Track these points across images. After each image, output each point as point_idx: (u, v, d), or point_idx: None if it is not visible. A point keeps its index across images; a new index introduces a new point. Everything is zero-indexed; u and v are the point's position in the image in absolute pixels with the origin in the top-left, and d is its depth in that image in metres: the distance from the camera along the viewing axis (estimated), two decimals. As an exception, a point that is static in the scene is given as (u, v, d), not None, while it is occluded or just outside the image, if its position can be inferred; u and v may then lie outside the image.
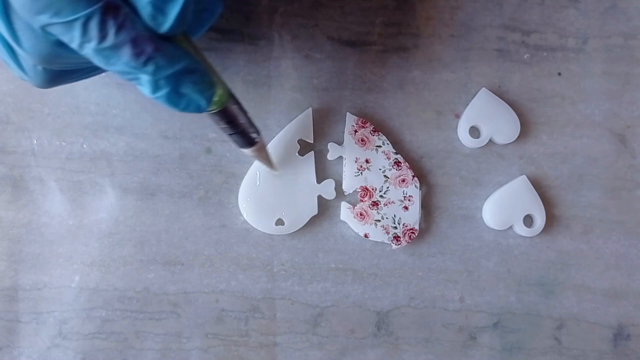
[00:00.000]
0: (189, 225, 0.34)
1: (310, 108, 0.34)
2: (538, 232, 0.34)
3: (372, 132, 0.34)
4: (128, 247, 0.34)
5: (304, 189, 0.34)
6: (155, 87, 0.22)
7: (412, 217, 0.34)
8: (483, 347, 0.35)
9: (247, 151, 0.30)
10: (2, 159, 0.34)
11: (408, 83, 0.35)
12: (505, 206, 0.34)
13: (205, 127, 0.34)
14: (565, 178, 0.35)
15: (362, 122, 0.34)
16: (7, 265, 0.34)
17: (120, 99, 0.34)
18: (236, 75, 0.34)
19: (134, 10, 0.20)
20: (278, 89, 0.35)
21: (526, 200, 0.34)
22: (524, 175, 0.35)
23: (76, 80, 0.27)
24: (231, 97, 0.26)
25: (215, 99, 0.25)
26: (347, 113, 0.34)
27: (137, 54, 0.20)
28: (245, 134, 0.28)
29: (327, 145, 0.34)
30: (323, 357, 0.34)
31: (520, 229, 0.34)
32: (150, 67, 0.21)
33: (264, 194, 0.34)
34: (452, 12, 0.35)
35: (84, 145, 0.34)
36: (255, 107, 0.34)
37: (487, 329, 0.35)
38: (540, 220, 0.34)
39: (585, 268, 0.35)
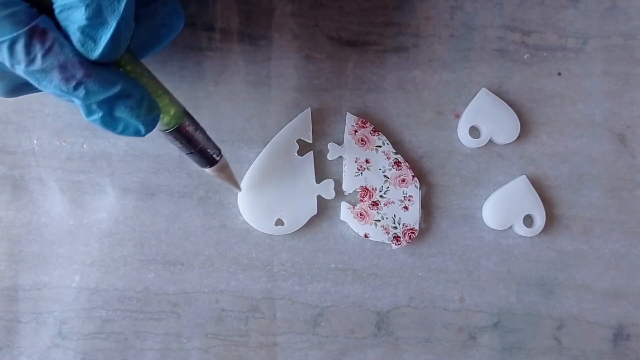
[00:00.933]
0: (189, 225, 0.34)
1: (309, 108, 0.34)
2: (538, 232, 0.34)
3: (372, 132, 0.34)
4: (128, 247, 0.34)
5: (303, 189, 0.34)
6: (88, 112, 0.21)
7: (412, 217, 0.34)
8: (483, 347, 0.35)
9: (208, 171, 0.29)
10: (2, 159, 0.34)
11: (408, 83, 0.35)
12: (505, 206, 0.34)
13: (205, 127, 0.34)
14: (565, 178, 0.35)
15: (362, 122, 0.34)
16: (7, 265, 0.34)
17: (120, 99, 0.34)
18: (236, 75, 0.34)
19: (66, 36, 0.20)
20: (278, 89, 0.35)
21: (526, 200, 0.34)
22: (524, 175, 0.35)
23: (38, 91, 0.27)
24: (186, 116, 0.25)
25: (167, 120, 0.24)
26: (347, 113, 0.34)
27: (66, 79, 0.20)
28: (204, 153, 0.28)
29: (327, 145, 0.34)
30: (323, 357, 0.34)
31: (520, 229, 0.34)
32: (80, 92, 0.21)
33: (263, 195, 0.34)
34: (452, 12, 0.35)
35: (84, 145, 0.34)
36: (255, 107, 0.35)
37: (487, 329, 0.35)
38: (540, 220, 0.34)
39: (585, 268, 0.35)
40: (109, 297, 0.34)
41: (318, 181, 0.34)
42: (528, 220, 0.34)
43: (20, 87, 0.25)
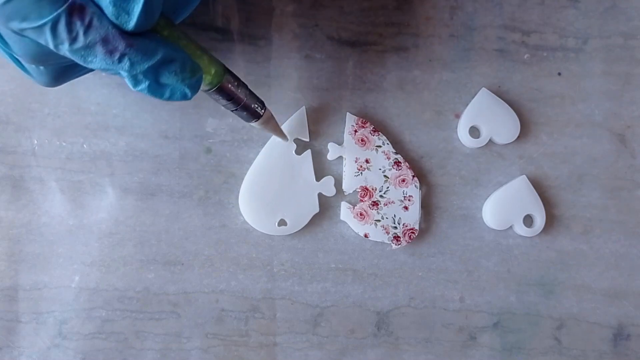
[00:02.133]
0: (189, 225, 0.34)
1: (304, 106, 0.34)
2: (538, 232, 0.34)
3: (372, 132, 0.34)
4: (128, 247, 0.34)
5: (303, 187, 0.34)
6: (135, 81, 0.22)
7: (412, 217, 0.34)
8: (483, 347, 0.35)
9: (254, 124, 0.30)
10: (2, 159, 0.34)
11: (408, 83, 0.35)
12: (505, 206, 0.34)
13: (205, 127, 0.34)
14: (565, 178, 0.35)
15: (362, 122, 0.34)
16: (7, 265, 0.34)
17: (120, 99, 0.34)
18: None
19: (101, 9, 0.20)
20: (278, 89, 0.35)
21: (526, 200, 0.34)
22: (524, 175, 0.35)
23: (81, 75, 0.27)
24: (228, 73, 0.26)
25: (209, 79, 0.24)
26: (347, 113, 0.34)
27: (109, 52, 0.20)
28: (248, 108, 0.28)
29: (327, 146, 0.34)
30: (323, 357, 0.34)
31: (520, 229, 0.34)
32: (125, 64, 0.21)
33: (264, 196, 0.34)
34: (452, 12, 0.35)
35: (84, 145, 0.34)
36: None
37: (487, 329, 0.35)
38: (540, 220, 0.34)
39: (585, 268, 0.35)
40: (109, 297, 0.34)
41: (317, 179, 0.34)
42: (528, 220, 0.34)
43: (64, 72, 0.25)
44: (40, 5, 0.19)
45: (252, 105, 0.28)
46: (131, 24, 0.20)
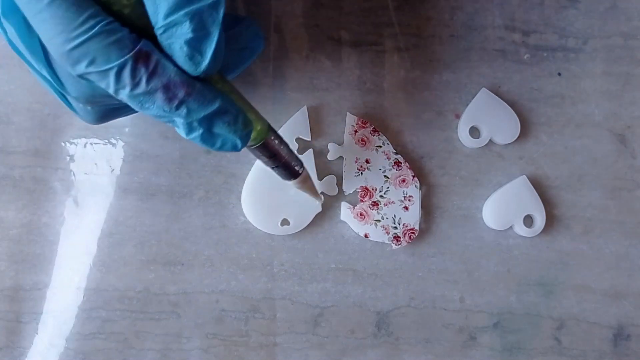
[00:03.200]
0: (189, 225, 0.34)
1: (305, 106, 0.34)
2: (538, 232, 0.34)
3: (372, 132, 0.34)
4: (128, 247, 0.34)
5: None
6: (189, 129, 0.22)
7: (412, 217, 0.34)
8: (483, 347, 0.35)
9: (291, 183, 0.30)
10: (2, 159, 0.34)
11: (408, 83, 0.35)
12: (505, 206, 0.34)
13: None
14: (565, 178, 0.35)
15: (362, 122, 0.34)
16: (7, 265, 0.34)
17: (120, 99, 0.34)
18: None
19: (166, 55, 0.21)
20: (278, 89, 0.35)
21: (526, 200, 0.34)
22: (524, 175, 0.35)
23: (126, 115, 0.27)
24: (271, 131, 0.26)
25: (254, 135, 0.25)
26: (347, 113, 0.34)
27: (169, 99, 0.21)
28: (288, 167, 0.28)
29: (327, 146, 0.34)
30: (323, 357, 0.34)
31: (520, 229, 0.34)
32: (182, 111, 0.21)
33: (267, 196, 0.34)
34: (452, 12, 0.35)
35: (84, 145, 0.34)
36: (255, 107, 0.34)
37: (487, 329, 0.35)
38: (540, 220, 0.34)
39: (585, 268, 0.35)
40: (109, 297, 0.34)
41: (320, 178, 0.34)
42: (528, 221, 0.34)
43: (111, 112, 0.26)
44: (109, 51, 0.19)
45: (292, 164, 0.29)
46: (204, 64, 0.21)
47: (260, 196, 0.33)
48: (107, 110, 0.25)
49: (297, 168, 0.29)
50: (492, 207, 0.34)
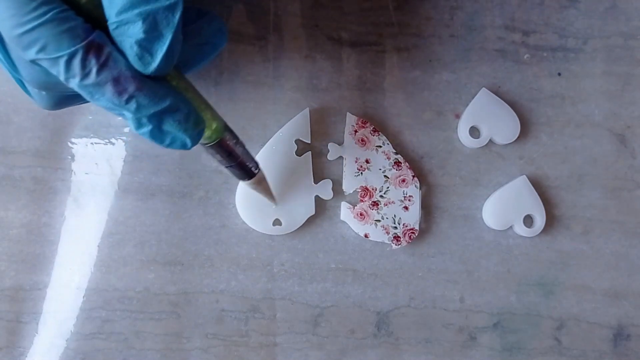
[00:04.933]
0: (189, 225, 0.34)
1: (308, 108, 0.34)
2: (538, 232, 0.34)
3: (372, 132, 0.34)
4: (128, 247, 0.34)
5: (301, 189, 0.34)
6: (138, 125, 0.22)
7: (412, 217, 0.34)
8: (483, 347, 0.35)
9: (246, 183, 0.30)
10: (2, 159, 0.34)
11: (408, 83, 0.35)
12: (505, 206, 0.34)
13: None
14: (565, 178, 0.35)
15: (362, 122, 0.34)
16: (7, 265, 0.34)
17: (120, 99, 0.34)
18: (236, 75, 0.34)
19: (119, 50, 0.21)
20: (278, 89, 0.35)
21: (526, 200, 0.34)
22: (524, 175, 0.35)
23: (82, 103, 0.27)
24: (227, 130, 0.26)
25: (208, 134, 0.25)
26: (347, 113, 0.34)
27: (118, 92, 0.21)
28: (243, 167, 0.28)
29: (327, 146, 0.34)
30: (323, 357, 0.34)
31: (520, 229, 0.34)
32: (132, 106, 0.21)
33: (260, 196, 0.33)
34: (452, 12, 0.35)
35: (85, 145, 0.34)
36: (255, 107, 0.35)
37: (487, 329, 0.35)
38: (540, 220, 0.34)
39: (585, 268, 0.35)
40: (109, 297, 0.34)
41: (316, 181, 0.34)
42: (528, 221, 0.34)
43: (66, 99, 0.25)
44: (60, 38, 0.19)
45: (247, 164, 0.28)
46: (153, 65, 0.21)
47: (254, 196, 0.33)
48: (63, 96, 0.25)
49: (252, 169, 0.29)
50: (492, 207, 0.34)
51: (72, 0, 0.20)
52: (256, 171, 0.29)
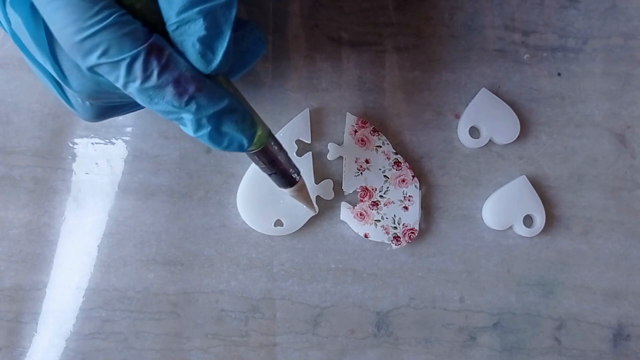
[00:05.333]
0: (189, 225, 0.34)
1: (308, 109, 0.34)
2: (538, 232, 0.34)
3: (372, 132, 0.34)
4: (128, 247, 0.34)
5: None
6: (198, 126, 0.22)
7: (412, 217, 0.34)
8: (483, 347, 0.35)
9: (287, 191, 0.30)
10: (2, 159, 0.34)
11: (408, 83, 0.35)
12: (505, 206, 0.34)
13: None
14: (565, 178, 0.35)
15: (362, 122, 0.34)
16: (7, 265, 0.34)
17: (120, 99, 0.34)
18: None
19: (178, 51, 0.21)
20: (278, 89, 0.35)
21: (526, 200, 0.34)
22: (524, 176, 0.35)
23: (124, 114, 0.27)
24: (271, 137, 0.26)
25: (256, 139, 0.25)
26: (347, 113, 0.34)
27: (179, 94, 0.21)
28: (285, 174, 0.28)
29: (327, 146, 0.34)
30: (323, 357, 0.34)
31: (520, 229, 0.34)
32: (192, 107, 0.21)
33: (262, 196, 0.34)
34: (452, 12, 0.35)
35: (85, 145, 0.34)
36: (255, 107, 0.34)
37: (487, 329, 0.35)
38: (540, 221, 0.34)
39: (585, 268, 0.35)
40: (109, 297, 0.34)
41: (316, 181, 0.34)
42: (528, 221, 0.34)
43: (110, 110, 0.26)
44: (122, 41, 0.19)
45: (289, 171, 0.29)
46: (215, 62, 0.21)
47: (255, 197, 0.33)
48: (107, 107, 0.25)
49: (294, 176, 0.29)
50: (492, 207, 0.34)
51: (127, 5, 0.20)
52: (298, 179, 0.29)
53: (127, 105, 0.26)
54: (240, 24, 0.27)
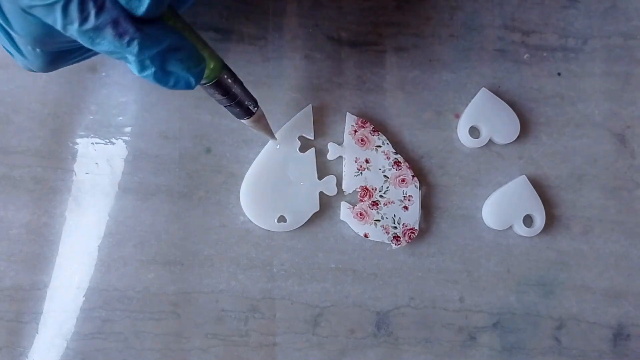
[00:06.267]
0: (189, 225, 0.34)
1: (310, 105, 0.34)
2: (538, 232, 0.34)
3: (372, 132, 0.34)
4: (128, 247, 0.34)
5: (305, 185, 0.34)
6: (142, 67, 0.22)
7: (412, 217, 0.34)
8: (483, 347, 0.35)
9: (246, 121, 0.30)
10: (2, 159, 0.34)
11: (408, 83, 0.35)
12: (505, 206, 0.34)
13: (205, 127, 0.34)
14: (565, 178, 0.35)
15: (362, 122, 0.34)
16: (7, 265, 0.34)
17: (120, 99, 0.34)
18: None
19: None
20: (278, 89, 0.35)
21: (526, 200, 0.34)
22: (524, 175, 0.35)
23: (76, 61, 0.27)
24: (225, 68, 0.26)
25: (207, 73, 0.25)
26: (347, 113, 0.34)
27: (119, 35, 0.20)
28: (241, 105, 0.28)
29: (327, 145, 0.34)
30: (323, 357, 0.34)
31: (520, 229, 0.34)
32: (134, 48, 0.21)
33: (266, 192, 0.34)
34: (452, 12, 0.35)
35: (85, 145, 0.34)
36: (256, 112, 0.34)
37: (487, 329, 0.35)
38: (540, 220, 0.34)
39: (585, 268, 0.35)
40: (109, 297, 0.34)
41: (319, 178, 0.34)
42: (528, 220, 0.34)
43: (61, 57, 0.25)
44: None
45: (246, 103, 0.29)
46: (142, 8, 0.21)
47: (259, 193, 0.33)
48: (57, 53, 0.25)
49: (251, 107, 0.29)
50: (492, 207, 0.34)
51: None
52: (255, 109, 0.30)
53: (78, 50, 0.26)
54: None
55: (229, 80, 0.27)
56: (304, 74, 0.35)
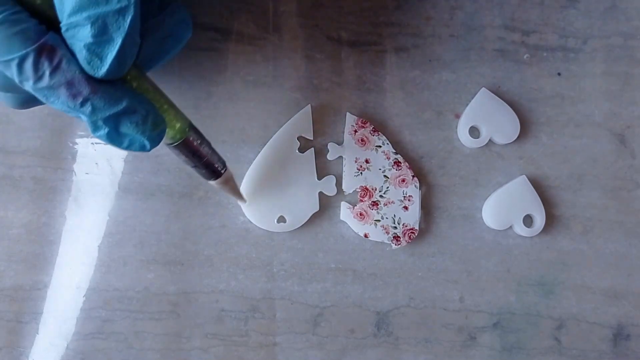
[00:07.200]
0: (189, 225, 0.34)
1: (309, 105, 0.34)
2: (538, 232, 0.34)
3: (372, 132, 0.34)
4: (128, 247, 0.34)
5: (304, 185, 0.34)
6: (95, 127, 0.21)
7: (412, 217, 0.34)
8: (483, 347, 0.35)
9: (212, 183, 0.29)
10: (2, 159, 0.34)
11: (408, 83, 0.35)
12: (505, 206, 0.34)
13: (204, 127, 0.34)
14: (565, 178, 0.35)
15: (362, 122, 0.34)
16: (7, 265, 0.34)
17: (120, 99, 0.34)
18: (236, 75, 0.34)
19: (73, 53, 0.20)
20: (278, 89, 0.35)
21: (526, 200, 0.34)
22: (524, 175, 0.35)
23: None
24: (192, 130, 0.26)
25: (172, 134, 0.24)
26: (347, 113, 0.34)
27: (73, 96, 0.20)
28: (209, 166, 0.28)
29: (327, 145, 0.34)
30: (323, 357, 0.34)
31: (520, 229, 0.34)
32: (87, 109, 0.21)
33: (265, 192, 0.34)
34: (452, 12, 0.35)
35: (85, 145, 0.34)
36: (255, 107, 0.35)
37: (487, 329, 0.35)
38: (540, 220, 0.34)
39: (585, 268, 0.35)
40: (108, 297, 0.34)
41: (319, 178, 0.34)
42: (528, 220, 0.34)
43: (31, 100, 0.25)
44: (11, 41, 0.19)
45: (214, 164, 0.28)
46: (102, 70, 0.20)
47: (259, 193, 0.33)
48: (28, 97, 0.24)
49: (219, 168, 0.29)
50: (492, 207, 0.34)
51: (28, 1, 0.20)
52: (222, 171, 0.29)
53: None
54: (162, 6, 0.25)
55: (196, 142, 0.26)
56: (303, 74, 0.35)
